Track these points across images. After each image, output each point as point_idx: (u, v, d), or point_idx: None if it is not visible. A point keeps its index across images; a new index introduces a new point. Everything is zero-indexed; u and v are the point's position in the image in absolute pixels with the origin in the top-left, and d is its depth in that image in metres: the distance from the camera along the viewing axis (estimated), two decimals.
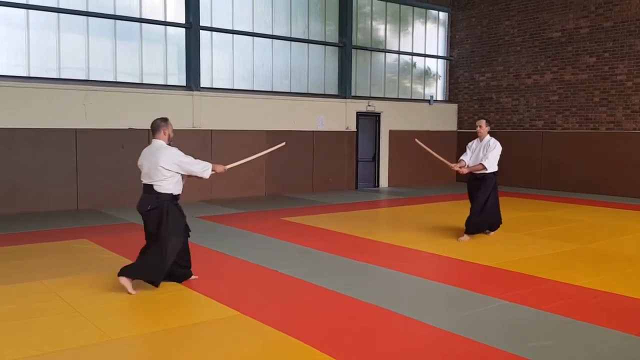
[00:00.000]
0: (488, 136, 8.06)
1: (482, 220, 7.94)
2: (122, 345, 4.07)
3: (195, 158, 5.48)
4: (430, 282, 5.86)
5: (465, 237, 7.86)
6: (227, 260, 6.68)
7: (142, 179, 5.42)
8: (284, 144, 6.80)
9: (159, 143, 5.38)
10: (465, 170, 7.98)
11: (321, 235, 8.31)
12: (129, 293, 5.13)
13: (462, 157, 8.19)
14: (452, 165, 8.05)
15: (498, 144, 7.97)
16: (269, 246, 7.50)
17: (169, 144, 5.42)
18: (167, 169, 5.22)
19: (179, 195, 5.43)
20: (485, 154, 7.84)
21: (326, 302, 5.13)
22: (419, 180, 15.75)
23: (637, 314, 4.85)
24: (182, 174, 5.37)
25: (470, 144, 8.25)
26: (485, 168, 7.81)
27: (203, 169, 5.41)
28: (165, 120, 5.46)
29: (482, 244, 7.68)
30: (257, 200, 12.13)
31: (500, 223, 8.23)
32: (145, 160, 5.39)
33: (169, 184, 5.28)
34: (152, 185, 5.30)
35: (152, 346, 4.09)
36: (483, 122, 8.07)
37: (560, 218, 10.01)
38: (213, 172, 5.51)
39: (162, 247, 5.18)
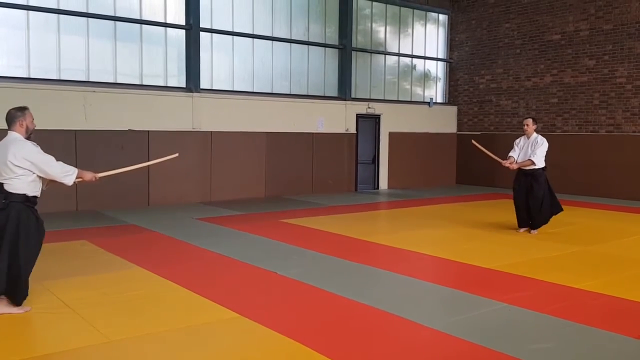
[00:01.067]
0: (535, 134, 8.51)
1: (546, 214, 8.48)
2: (121, 347, 4.06)
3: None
4: (429, 284, 5.85)
5: (534, 232, 8.46)
6: (226, 262, 6.67)
7: None
8: (176, 155, 6.13)
9: (14, 136, 4.70)
10: (515, 166, 8.47)
11: (320, 237, 8.31)
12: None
13: (510, 154, 8.64)
14: (504, 162, 8.51)
15: (545, 140, 8.40)
16: (268, 248, 7.49)
17: (28, 138, 4.80)
18: (16, 165, 4.54)
19: (35, 197, 4.75)
20: (534, 150, 8.29)
21: (325, 303, 5.12)
22: (419, 182, 15.74)
23: (638, 317, 4.84)
24: (40, 176, 4.72)
25: (517, 141, 8.72)
26: (534, 163, 8.27)
27: (64, 173, 4.73)
28: (22, 109, 4.81)
29: (481, 246, 7.67)
30: (256, 202, 12.12)
31: (561, 209, 8.72)
32: None
33: (21, 183, 4.59)
34: (1, 183, 4.59)
35: (151, 348, 4.08)
36: (530, 121, 8.56)
37: (560, 220, 9.99)
38: (79, 180, 4.86)
39: (9, 254, 4.53)
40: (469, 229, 9.02)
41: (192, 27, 11.89)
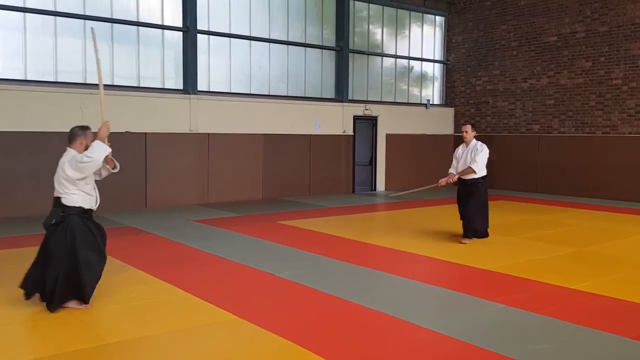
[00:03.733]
0: (474, 140, 7.94)
1: (481, 226, 7.89)
2: (118, 349, 4.06)
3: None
4: (427, 286, 5.86)
5: (467, 240, 7.89)
6: (223, 264, 6.67)
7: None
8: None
9: (72, 154, 4.90)
10: (454, 178, 7.94)
11: (318, 238, 8.31)
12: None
13: (450, 170, 8.13)
14: (440, 182, 8.06)
15: (485, 147, 7.86)
16: (265, 250, 7.50)
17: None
18: (66, 178, 4.80)
19: (90, 210, 5.01)
20: (474, 157, 7.73)
21: (323, 305, 5.13)
22: (416, 183, 15.71)
23: (634, 318, 4.86)
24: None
25: (455, 152, 8.15)
26: (474, 171, 7.73)
27: (89, 155, 4.77)
28: (84, 129, 5.07)
29: (479, 248, 7.68)
30: (253, 204, 12.12)
31: (487, 235, 8.01)
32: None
33: (76, 197, 4.86)
34: (59, 197, 4.89)
35: (149, 350, 4.09)
36: (469, 127, 8.01)
37: (557, 221, 10.03)
38: (101, 143, 4.88)
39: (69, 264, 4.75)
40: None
41: (189, 29, 11.89)
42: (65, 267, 4.72)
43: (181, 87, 12.06)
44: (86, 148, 4.85)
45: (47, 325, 4.47)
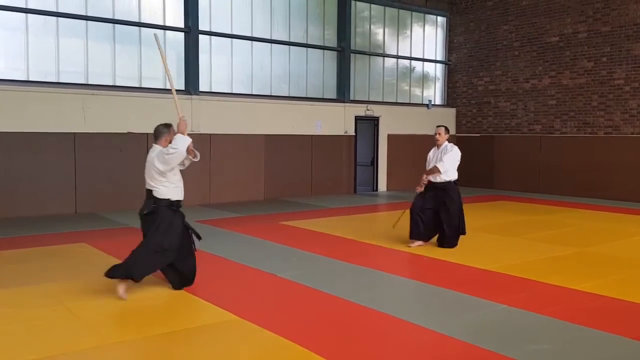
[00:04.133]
0: (446, 142, 7.67)
1: (456, 234, 7.60)
2: (119, 349, 4.07)
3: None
4: (428, 286, 5.86)
5: (418, 243, 7.60)
6: (225, 264, 6.68)
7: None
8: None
9: (158, 148, 5.42)
10: (424, 179, 7.61)
11: (320, 239, 8.31)
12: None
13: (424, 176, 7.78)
14: (417, 189, 7.71)
15: (456, 148, 7.59)
16: (267, 250, 7.50)
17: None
18: (156, 171, 5.33)
19: (178, 201, 5.51)
20: (446, 158, 7.45)
21: (324, 305, 5.13)
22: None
23: (636, 318, 4.85)
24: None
25: (428, 156, 7.84)
26: (439, 171, 7.43)
27: (173, 149, 5.22)
28: (168, 126, 5.56)
29: (480, 248, 7.68)
30: (255, 204, 12.13)
31: (465, 232, 7.71)
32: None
33: (166, 189, 5.39)
34: (150, 190, 5.44)
35: (149, 350, 4.09)
36: (442, 130, 7.70)
37: (559, 222, 10.02)
38: (183, 138, 5.29)
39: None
40: (467, 230, 9.01)
41: (191, 30, 11.91)
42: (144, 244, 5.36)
43: (183, 88, 12.07)
44: (169, 143, 5.38)
45: (48, 326, 4.48)
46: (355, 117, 14.71)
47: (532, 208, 11.91)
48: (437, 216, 7.53)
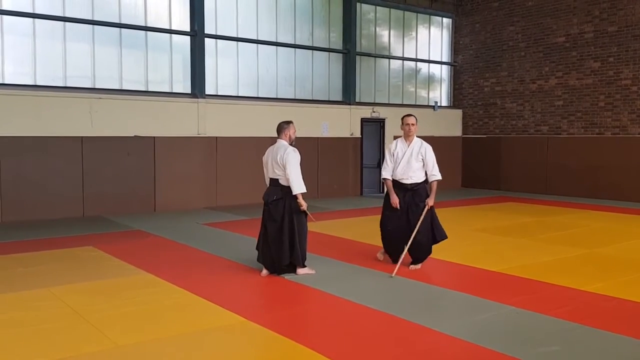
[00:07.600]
0: (416, 137, 6.65)
1: (429, 242, 6.58)
2: (128, 352, 4.07)
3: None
4: (436, 288, 5.84)
5: (417, 267, 6.55)
6: (232, 267, 6.68)
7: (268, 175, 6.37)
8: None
9: (281, 143, 6.25)
10: (430, 203, 6.44)
11: (326, 241, 8.30)
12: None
13: (384, 174, 6.58)
14: (394, 205, 6.45)
15: (430, 146, 6.68)
16: None
17: (290, 144, 6.30)
18: (280, 164, 6.08)
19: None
20: (426, 161, 6.54)
21: (331, 308, 5.12)
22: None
23: None
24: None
25: (390, 149, 6.66)
26: (437, 180, 6.59)
27: (296, 181, 6.06)
28: (288, 123, 6.40)
29: (488, 250, 7.65)
30: (261, 207, 12.09)
31: (446, 236, 6.67)
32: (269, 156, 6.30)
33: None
34: (277, 179, 6.16)
35: (157, 353, 4.09)
36: (414, 119, 6.60)
37: (567, 223, 9.97)
38: (300, 194, 6.09)
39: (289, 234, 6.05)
40: (475, 232, 9.00)
41: (197, 34, 11.95)
42: (280, 230, 6.03)
43: (189, 91, 12.11)
44: (289, 138, 6.30)
45: (57, 328, 4.49)
46: (362, 119, 14.70)
47: (540, 209, 11.85)
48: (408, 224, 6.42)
